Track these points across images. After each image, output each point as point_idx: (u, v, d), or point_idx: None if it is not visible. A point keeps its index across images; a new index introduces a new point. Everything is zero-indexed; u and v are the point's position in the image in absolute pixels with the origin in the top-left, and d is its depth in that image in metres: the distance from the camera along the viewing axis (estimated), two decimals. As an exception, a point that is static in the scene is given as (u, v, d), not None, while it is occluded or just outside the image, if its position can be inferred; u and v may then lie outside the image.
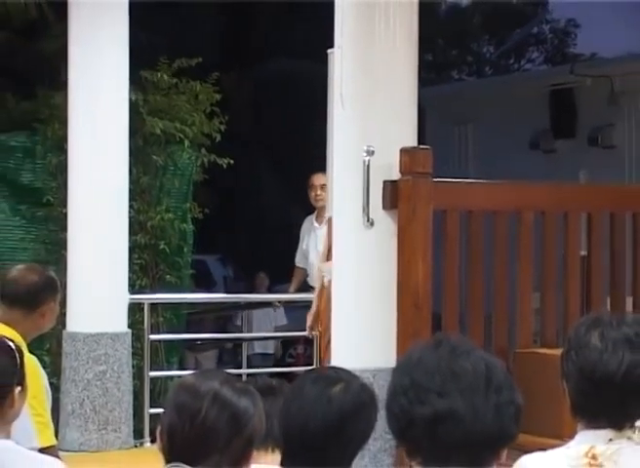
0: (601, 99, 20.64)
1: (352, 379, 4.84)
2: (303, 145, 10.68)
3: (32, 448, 5.60)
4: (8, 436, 5.00)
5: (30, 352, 6.41)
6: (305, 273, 11.96)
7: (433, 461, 3.46)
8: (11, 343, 5.28)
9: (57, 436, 6.57)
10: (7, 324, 6.42)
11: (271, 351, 22.29)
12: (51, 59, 12.82)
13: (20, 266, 7.24)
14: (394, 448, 5.37)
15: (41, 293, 6.63)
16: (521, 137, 21.06)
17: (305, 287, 11.67)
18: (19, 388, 5.04)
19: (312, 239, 11.47)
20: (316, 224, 11.45)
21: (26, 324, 6.52)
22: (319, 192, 11.16)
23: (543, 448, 4.43)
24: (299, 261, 12.30)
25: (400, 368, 3.68)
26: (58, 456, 5.93)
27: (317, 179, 11.21)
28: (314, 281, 10.55)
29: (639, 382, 4.40)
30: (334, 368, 5.92)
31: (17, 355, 5.15)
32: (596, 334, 4.43)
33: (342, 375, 4.86)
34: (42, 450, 5.82)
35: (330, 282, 9.03)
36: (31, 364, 6.41)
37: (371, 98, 7.85)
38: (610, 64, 22.56)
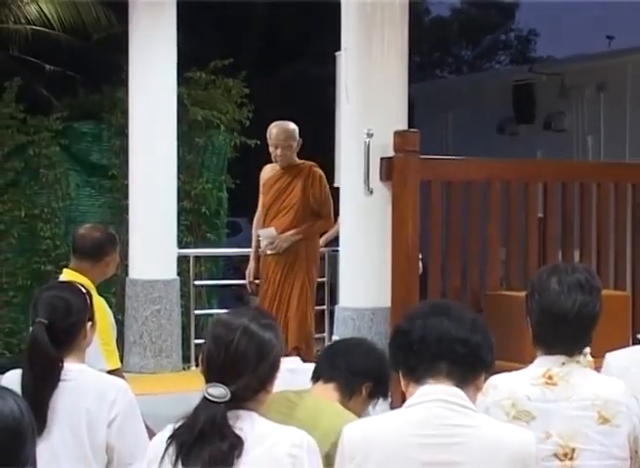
0: (554, 93, 20.57)
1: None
2: (317, 130, 10.67)
3: (101, 371, 5.63)
4: (82, 361, 5.03)
5: (99, 295, 6.43)
6: None
7: (426, 379, 3.48)
8: (82, 287, 5.32)
9: (121, 361, 6.57)
10: (78, 272, 6.48)
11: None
12: (114, 60, 12.77)
13: (87, 225, 7.22)
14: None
15: (104, 247, 6.62)
16: (490, 123, 20.99)
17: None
18: (89, 323, 5.09)
19: None
20: None
21: (94, 271, 6.53)
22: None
23: (509, 370, 4.44)
24: None
25: (405, 319, 3.70)
26: (122, 377, 5.94)
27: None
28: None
29: (588, 318, 4.42)
30: None
31: (87, 297, 5.19)
32: (555, 280, 4.44)
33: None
34: (109, 372, 5.85)
35: (266, 246, 9.22)
36: (99, 304, 6.40)
37: (370, 93, 7.85)
38: (561, 64, 22.52)
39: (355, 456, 3.42)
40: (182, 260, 11.10)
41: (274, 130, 9.22)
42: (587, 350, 4.62)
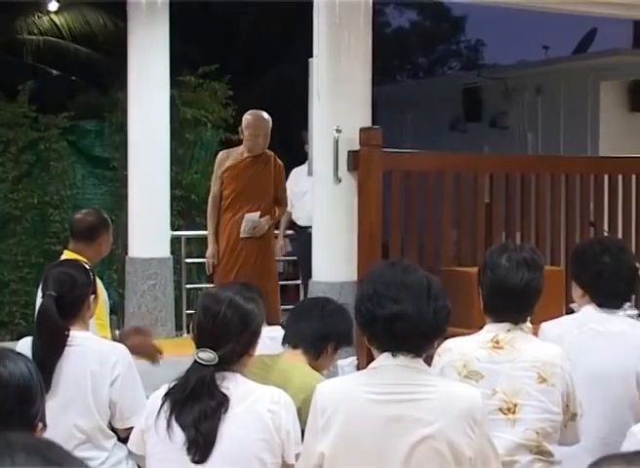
0: (498, 95, 20.57)
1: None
2: (293, 125, 10.65)
3: None
4: (87, 329, 5.08)
5: (97, 274, 6.43)
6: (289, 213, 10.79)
7: (388, 347, 3.46)
8: (86, 265, 5.37)
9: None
10: (76, 252, 6.41)
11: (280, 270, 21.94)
12: (115, 66, 12.76)
13: (83, 210, 7.17)
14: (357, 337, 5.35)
15: (97, 229, 6.56)
16: (443, 122, 20.99)
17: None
18: (92, 296, 5.12)
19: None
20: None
21: (89, 251, 6.45)
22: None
23: (461, 335, 4.45)
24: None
25: (366, 281, 3.70)
26: None
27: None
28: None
29: (532, 292, 4.46)
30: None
31: (90, 273, 5.22)
32: (505, 257, 4.47)
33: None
34: None
35: (249, 230, 8.72)
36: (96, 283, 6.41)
37: (338, 94, 7.83)
38: (504, 70, 22.51)
39: (326, 411, 3.42)
40: (175, 241, 11.09)
41: (255, 119, 8.80)
42: (530, 318, 4.64)
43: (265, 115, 8.82)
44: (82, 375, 4.81)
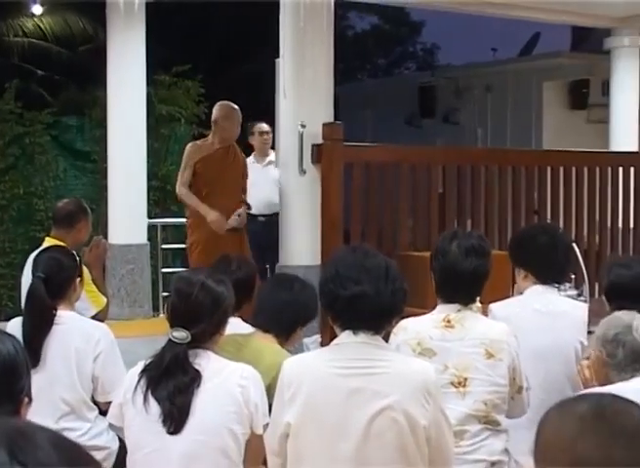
0: (450, 93, 20.62)
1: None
2: (262, 118, 10.60)
3: (90, 314, 5.82)
4: (72, 309, 5.13)
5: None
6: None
7: (349, 326, 3.47)
8: (72, 250, 5.43)
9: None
10: (57, 238, 6.44)
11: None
12: (94, 66, 12.70)
13: (64, 200, 7.20)
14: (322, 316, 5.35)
15: (75, 216, 6.58)
16: (400, 117, 21.02)
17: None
18: (78, 279, 5.19)
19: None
20: (259, 165, 10.00)
21: (69, 238, 6.46)
22: (267, 139, 9.97)
23: (416, 315, 4.46)
24: None
25: (329, 264, 3.71)
26: (104, 316, 6.14)
27: (267, 128, 9.90)
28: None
29: (480, 277, 4.48)
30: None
31: (76, 258, 5.28)
32: (455, 244, 4.48)
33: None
34: (97, 314, 6.00)
35: (235, 221, 8.35)
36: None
37: (303, 92, 7.82)
38: (456, 70, 22.60)
39: (292, 384, 3.42)
40: (152, 228, 11.04)
41: (230, 110, 8.40)
42: (479, 299, 4.67)
43: (236, 106, 8.56)
44: (67, 351, 4.85)
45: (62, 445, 1.03)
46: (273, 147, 9.57)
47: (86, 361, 4.86)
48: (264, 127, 9.93)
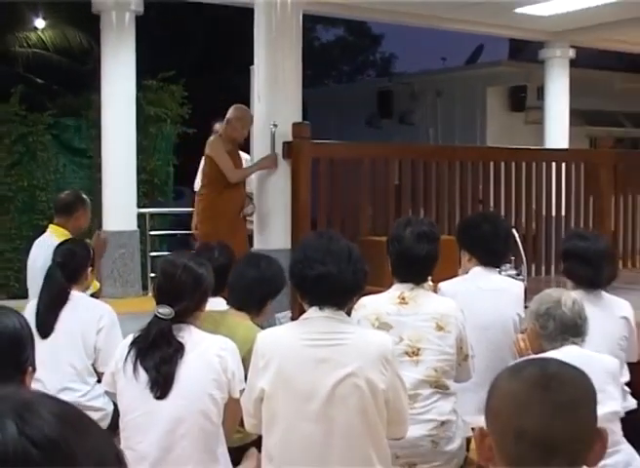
0: (406, 96, 20.65)
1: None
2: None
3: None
4: (83, 292, 5.38)
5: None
6: None
7: (316, 302, 3.45)
8: (87, 244, 5.61)
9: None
10: (58, 225, 6.49)
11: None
12: (90, 72, 12.65)
13: (65, 191, 7.22)
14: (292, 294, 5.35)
15: (73, 205, 6.59)
16: (361, 118, 21.05)
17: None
18: (90, 268, 5.40)
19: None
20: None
21: (68, 224, 6.50)
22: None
23: (374, 293, 4.45)
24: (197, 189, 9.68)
25: (298, 248, 3.70)
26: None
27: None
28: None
29: (431, 260, 4.50)
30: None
31: (90, 250, 5.47)
32: (408, 231, 4.48)
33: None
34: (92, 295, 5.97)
35: (247, 211, 7.99)
36: None
37: (275, 96, 7.78)
38: (411, 77, 22.60)
39: (265, 354, 3.40)
40: (141, 217, 10.99)
41: (247, 113, 7.99)
42: (430, 278, 4.67)
43: (249, 110, 8.20)
44: (75, 325, 5.04)
45: (67, 416, 0.99)
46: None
47: (90, 333, 5.04)
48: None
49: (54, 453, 0.94)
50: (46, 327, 4.98)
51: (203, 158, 8.20)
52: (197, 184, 9.55)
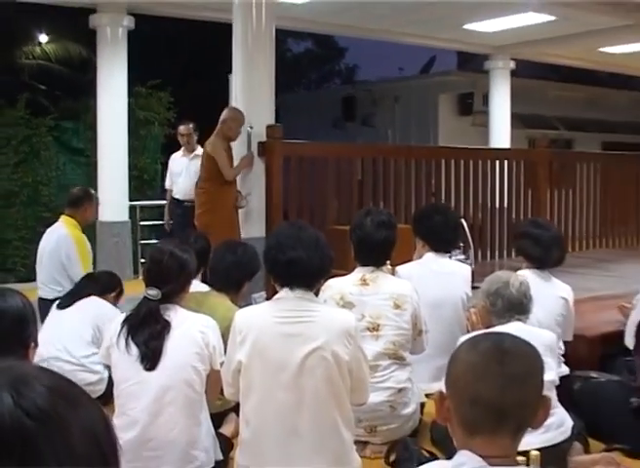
0: (368, 102, 20.66)
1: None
2: (217, 124, 10.46)
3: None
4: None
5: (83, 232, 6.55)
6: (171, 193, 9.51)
7: (287, 284, 3.44)
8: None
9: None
10: (68, 216, 6.49)
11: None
12: (88, 81, 12.55)
13: (76, 187, 7.14)
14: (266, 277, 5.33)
15: (80, 199, 6.59)
16: (328, 121, 21.02)
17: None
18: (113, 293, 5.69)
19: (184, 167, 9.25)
20: (185, 158, 9.25)
21: (77, 216, 6.49)
22: (187, 138, 9.15)
23: (339, 276, 4.44)
24: (167, 184, 9.56)
25: (272, 235, 3.70)
26: None
27: (185, 130, 9.21)
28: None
29: (389, 246, 4.51)
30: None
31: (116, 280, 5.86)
32: (368, 219, 4.48)
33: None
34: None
35: (241, 203, 7.71)
36: (82, 238, 6.39)
37: (250, 101, 7.72)
38: (372, 84, 22.59)
39: (242, 330, 3.39)
40: (132, 209, 10.93)
41: (242, 115, 7.63)
42: (388, 262, 4.67)
43: (242, 111, 7.82)
44: (87, 307, 5.36)
45: (60, 388, 0.98)
46: (200, 143, 9.25)
47: (94, 317, 5.26)
48: (181, 129, 9.39)
49: (46, 423, 0.92)
50: (67, 305, 5.40)
51: (201, 155, 7.91)
52: (168, 183, 9.47)
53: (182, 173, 9.18)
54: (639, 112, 20.00)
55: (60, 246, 6.30)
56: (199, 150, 9.15)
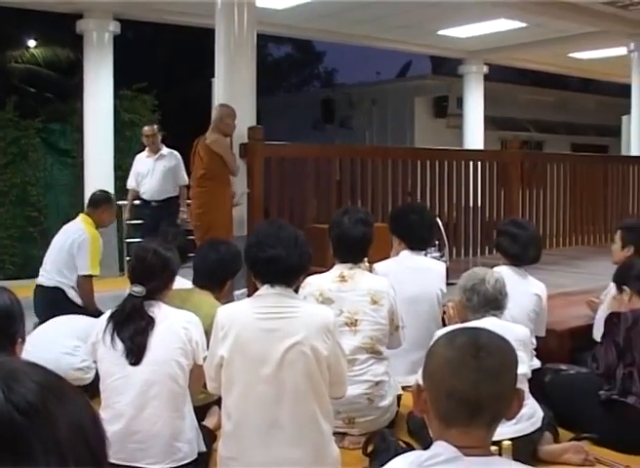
0: (346, 104, 20.69)
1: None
2: (200, 126, 10.41)
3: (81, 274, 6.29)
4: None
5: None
6: (135, 192, 9.41)
7: (267, 281, 3.43)
8: None
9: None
10: (86, 215, 6.51)
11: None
12: (74, 84, 12.48)
13: (97, 190, 7.07)
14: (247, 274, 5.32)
15: (99, 202, 6.58)
16: (308, 123, 21.04)
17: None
18: None
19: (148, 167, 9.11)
20: (151, 158, 9.12)
21: (94, 216, 6.49)
22: (152, 139, 9.04)
23: (318, 273, 4.43)
24: (131, 184, 9.46)
25: (253, 234, 3.68)
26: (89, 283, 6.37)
27: (149, 131, 9.12)
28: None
29: (366, 243, 4.52)
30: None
31: None
32: (346, 217, 4.48)
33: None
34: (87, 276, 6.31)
35: (238, 202, 7.64)
36: (95, 235, 6.44)
37: (232, 103, 7.64)
38: (350, 88, 22.65)
39: (224, 326, 3.37)
40: (118, 208, 10.86)
41: (233, 111, 7.42)
42: (366, 259, 4.67)
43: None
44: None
45: (49, 384, 0.98)
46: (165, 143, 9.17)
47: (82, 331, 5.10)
48: (145, 130, 9.29)
49: (35, 418, 0.93)
50: None
51: (196, 155, 7.50)
52: (131, 183, 9.40)
53: (149, 173, 9.08)
54: (606, 115, 20.11)
55: (74, 238, 6.31)
56: (164, 150, 9.16)
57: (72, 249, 6.25)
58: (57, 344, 5.09)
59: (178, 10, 11.25)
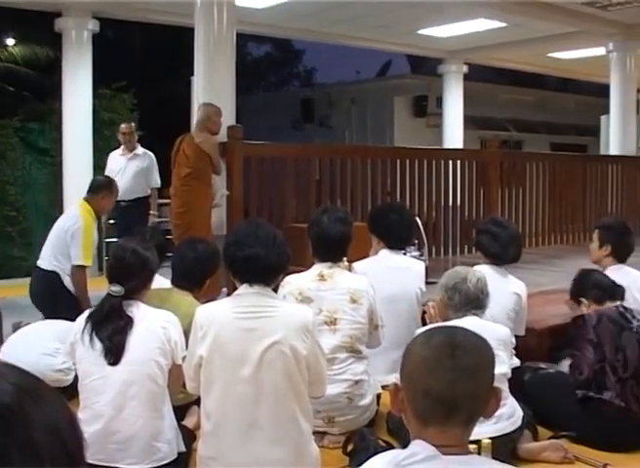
0: (325, 104, 20.70)
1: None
2: (179, 126, 10.32)
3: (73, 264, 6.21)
4: None
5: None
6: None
7: (246, 280, 3.42)
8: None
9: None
10: (86, 201, 6.46)
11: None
12: (53, 83, 12.39)
13: (98, 176, 7.30)
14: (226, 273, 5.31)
15: (100, 187, 6.56)
16: (287, 122, 21.03)
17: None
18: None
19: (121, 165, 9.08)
20: (124, 157, 9.13)
21: (94, 201, 6.44)
22: (128, 137, 9.07)
23: (297, 272, 4.43)
24: None
25: (232, 233, 3.68)
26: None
27: (126, 129, 9.13)
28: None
29: (345, 241, 4.52)
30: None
31: None
32: (325, 216, 4.48)
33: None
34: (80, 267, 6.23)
35: (219, 204, 7.61)
36: (90, 224, 6.40)
37: (213, 101, 7.63)
38: (329, 87, 22.65)
39: (203, 325, 3.36)
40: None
41: (219, 110, 7.42)
42: (345, 258, 4.67)
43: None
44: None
45: (25, 385, 0.99)
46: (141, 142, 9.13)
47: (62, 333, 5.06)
48: (122, 128, 9.26)
49: (11, 419, 0.93)
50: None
51: (179, 153, 7.39)
52: None
53: (120, 172, 8.96)
54: (585, 115, 20.24)
55: (69, 225, 6.27)
56: (139, 150, 9.12)
57: (67, 237, 6.23)
58: (37, 346, 5.05)
59: (157, 9, 11.21)
